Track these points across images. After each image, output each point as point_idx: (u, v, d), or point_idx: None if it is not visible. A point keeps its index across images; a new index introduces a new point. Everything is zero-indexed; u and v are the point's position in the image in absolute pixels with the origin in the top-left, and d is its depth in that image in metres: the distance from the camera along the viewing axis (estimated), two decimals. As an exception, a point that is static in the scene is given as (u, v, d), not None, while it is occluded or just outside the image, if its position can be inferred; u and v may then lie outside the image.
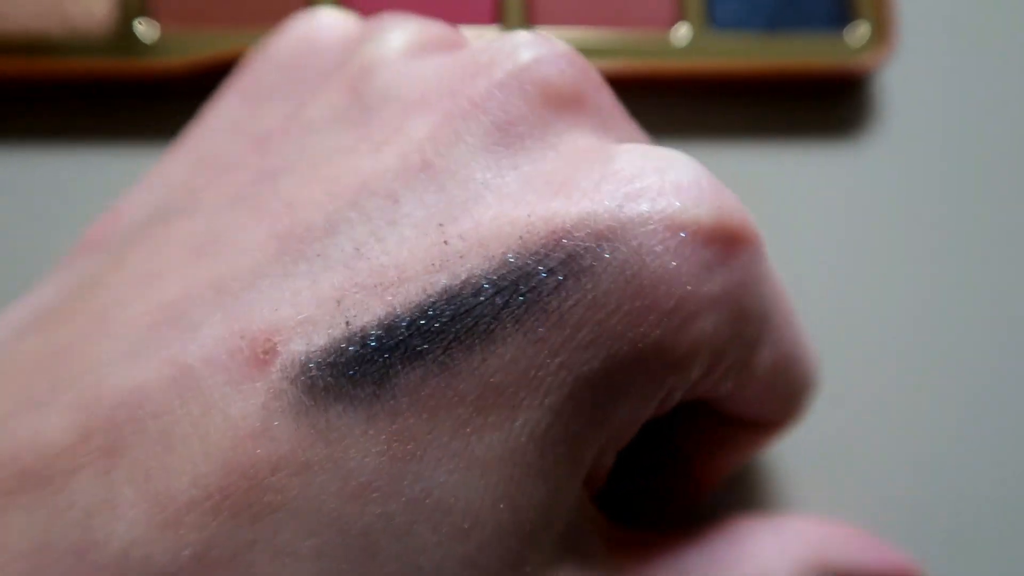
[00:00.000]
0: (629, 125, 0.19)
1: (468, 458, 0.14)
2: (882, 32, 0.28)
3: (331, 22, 0.20)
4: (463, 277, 0.15)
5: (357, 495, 0.14)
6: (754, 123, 0.29)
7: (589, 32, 0.28)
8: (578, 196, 0.15)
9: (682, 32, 0.28)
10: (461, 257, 0.15)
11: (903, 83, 0.29)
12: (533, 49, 0.17)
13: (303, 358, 0.14)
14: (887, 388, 0.26)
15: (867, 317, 0.27)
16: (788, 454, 0.25)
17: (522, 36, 0.17)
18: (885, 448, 0.25)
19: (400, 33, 0.18)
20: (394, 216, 0.16)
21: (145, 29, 0.27)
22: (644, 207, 0.15)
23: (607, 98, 0.18)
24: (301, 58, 0.19)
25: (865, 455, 0.25)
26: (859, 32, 0.28)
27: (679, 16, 0.28)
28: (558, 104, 0.17)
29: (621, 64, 0.27)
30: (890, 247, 0.28)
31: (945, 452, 0.26)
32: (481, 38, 0.18)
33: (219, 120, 0.20)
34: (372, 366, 0.14)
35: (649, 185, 0.16)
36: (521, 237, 0.15)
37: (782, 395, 0.20)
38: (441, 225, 0.15)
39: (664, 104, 0.19)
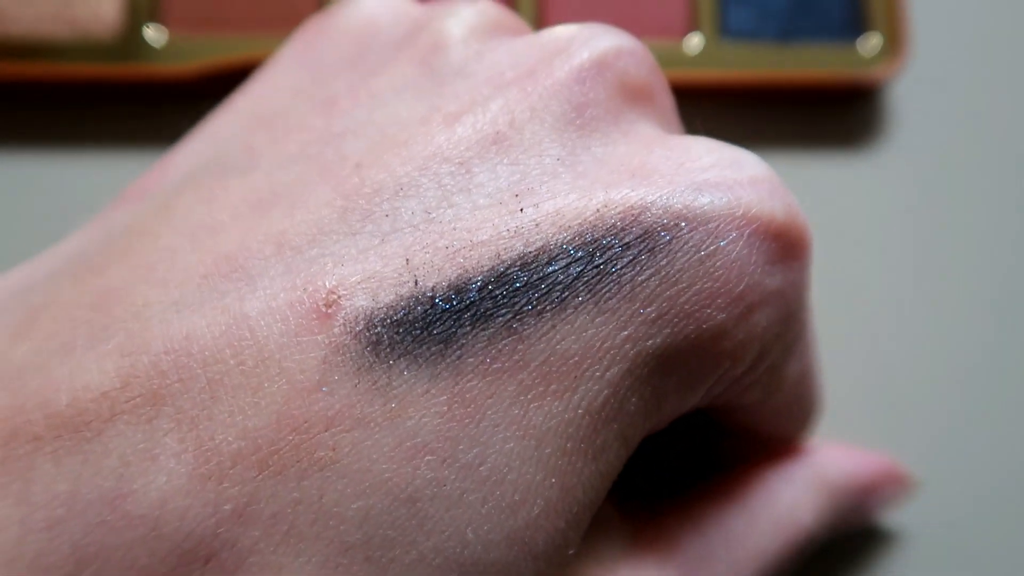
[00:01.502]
0: (679, 121, 0.19)
1: (526, 426, 0.14)
2: (894, 43, 0.28)
3: (389, 2, 0.20)
4: (538, 245, 0.15)
5: (411, 456, 0.14)
6: (766, 132, 0.28)
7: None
8: (656, 178, 0.16)
9: (695, 41, 0.28)
10: (536, 225, 0.15)
11: (915, 94, 0.29)
12: (612, 40, 0.17)
13: (368, 314, 0.14)
14: (897, 397, 0.26)
15: (877, 325, 0.27)
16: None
17: (597, 26, 0.18)
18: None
19: (472, 13, 0.18)
20: (467, 184, 0.15)
21: (154, 34, 0.27)
22: (723, 195, 0.15)
23: (670, 98, 0.19)
24: (365, 32, 0.19)
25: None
26: (871, 43, 0.28)
27: (692, 26, 0.28)
28: (632, 95, 0.17)
29: (633, 73, 0.27)
30: (901, 257, 0.28)
31: (949, 465, 0.25)
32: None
33: (277, 84, 0.19)
34: (439, 326, 0.14)
35: (727, 176, 0.16)
36: (598, 211, 0.15)
37: (797, 412, 0.20)
38: (516, 196, 0.15)
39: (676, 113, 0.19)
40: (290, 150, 0.17)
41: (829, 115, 0.29)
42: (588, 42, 0.17)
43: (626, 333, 0.15)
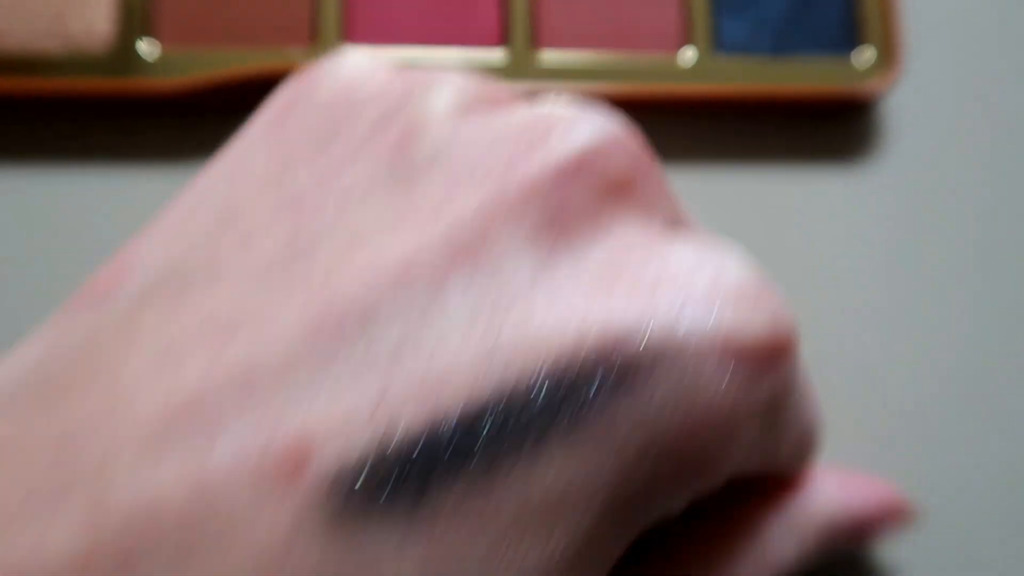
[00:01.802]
0: (669, 200, 0.18)
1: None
2: (888, 56, 0.28)
3: (369, 71, 0.19)
4: (511, 385, 0.14)
5: None
6: (760, 146, 0.28)
7: (595, 55, 0.28)
8: (635, 293, 0.15)
9: (688, 55, 0.28)
10: (512, 354, 0.14)
11: (909, 107, 0.29)
12: (594, 128, 0.16)
13: (337, 469, 0.13)
14: (893, 415, 0.26)
15: (872, 341, 0.27)
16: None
17: (578, 110, 0.17)
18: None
19: (448, 90, 0.17)
20: (440, 305, 0.15)
21: (147, 48, 0.27)
22: (705, 316, 0.15)
23: (655, 177, 0.18)
24: (337, 109, 0.18)
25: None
26: (865, 56, 0.28)
27: (685, 39, 0.28)
28: (613, 190, 0.16)
29: (627, 87, 0.27)
30: (895, 272, 0.27)
31: (948, 492, 0.25)
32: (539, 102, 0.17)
33: (245, 171, 0.18)
34: (411, 479, 0.14)
35: (709, 289, 0.15)
36: (574, 342, 0.14)
37: (793, 461, 0.20)
38: (487, 324, 0.15)
39: (670, 127, 0.19)
40: (258, 260, 0.16)
41: (823, 128, 0.29)
42: (569, 133, 0.16)
43: (604, 477, 0.14)
